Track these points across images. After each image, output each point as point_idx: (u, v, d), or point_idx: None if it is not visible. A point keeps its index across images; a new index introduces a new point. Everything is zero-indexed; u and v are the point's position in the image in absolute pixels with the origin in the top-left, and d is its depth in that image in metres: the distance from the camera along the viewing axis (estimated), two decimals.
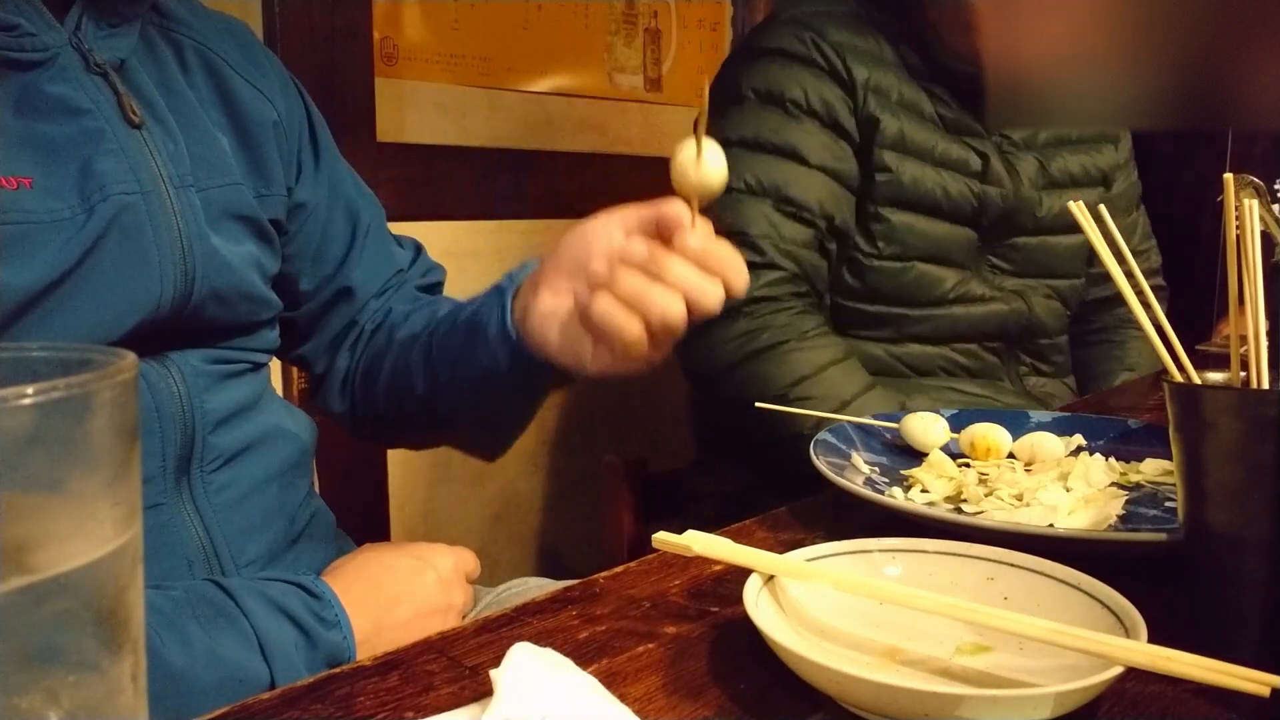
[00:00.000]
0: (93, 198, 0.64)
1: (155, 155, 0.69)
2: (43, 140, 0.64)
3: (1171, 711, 0.46)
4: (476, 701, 0.45)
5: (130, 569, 0.30)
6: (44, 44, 0.65)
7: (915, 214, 1.20)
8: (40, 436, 0.27)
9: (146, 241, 0.67)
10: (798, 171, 1.17)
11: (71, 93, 0.66)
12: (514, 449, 0.90)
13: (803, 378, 1.12)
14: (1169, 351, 0.55)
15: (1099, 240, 0.58)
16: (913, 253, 1.21)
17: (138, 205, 0.66)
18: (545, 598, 0.59)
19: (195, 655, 0.61)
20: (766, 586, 0.53)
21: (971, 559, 0.55)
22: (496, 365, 0.76)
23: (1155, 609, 0.48)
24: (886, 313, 1.22)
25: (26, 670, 0.27)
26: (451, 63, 1.70)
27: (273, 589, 0.67)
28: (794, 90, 1.18)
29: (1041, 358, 1.32)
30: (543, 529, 1.95)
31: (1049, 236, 1.31)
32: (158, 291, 0.67)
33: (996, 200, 1.24)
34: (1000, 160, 1.26)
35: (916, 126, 1.20)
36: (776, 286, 1.15)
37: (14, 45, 0.64)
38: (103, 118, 0.67)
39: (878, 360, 1.23)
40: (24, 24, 0.64)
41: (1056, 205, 1.29)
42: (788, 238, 1.16)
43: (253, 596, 0.65)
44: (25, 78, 0.64)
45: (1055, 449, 0.80)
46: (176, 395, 0.70)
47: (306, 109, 0.87)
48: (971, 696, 0.42)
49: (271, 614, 0.65)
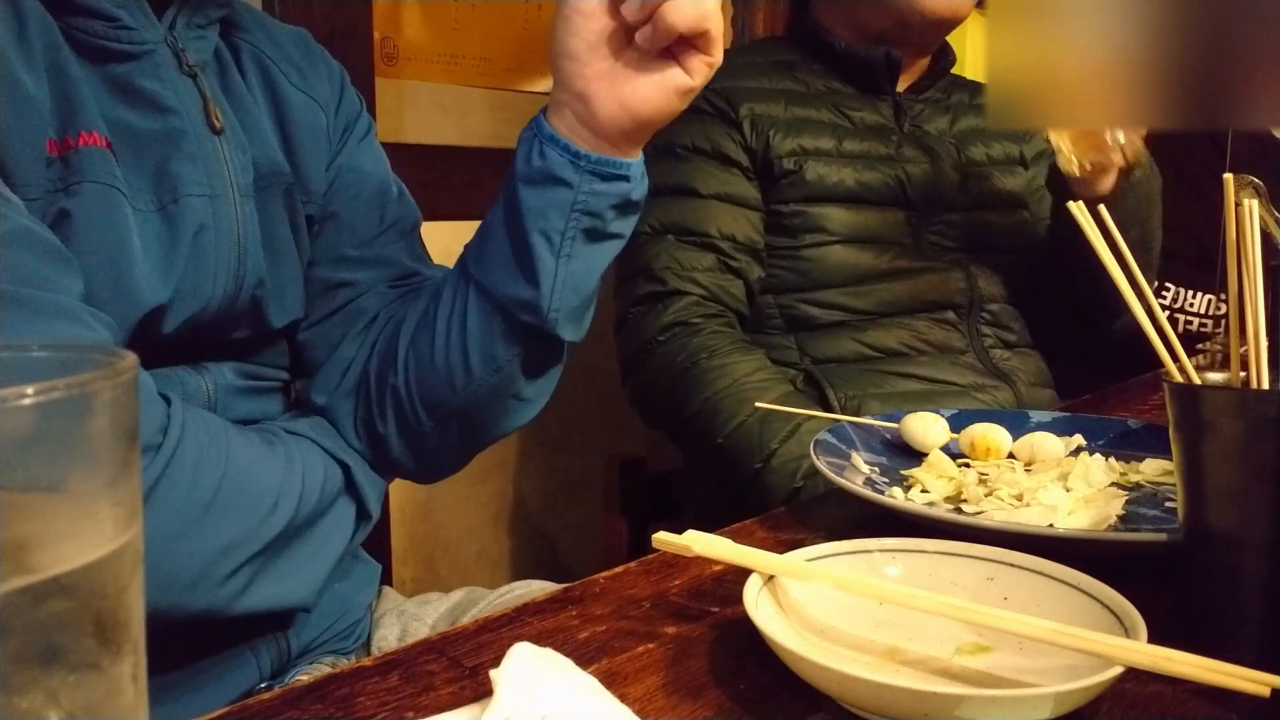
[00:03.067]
0: (164, 198, 0.66)
1: (228, 163, 0.70)
2: (130, 131, 0.65)
3: (1171, 711, 0.46)
4: (476, 701, 0.45)
5: (130, 569, 0.30)
6: (142, 39, 0.66)
7: (831, 204, 1.29)
8: (40, 436, 0.27)
9: (207, 244, 0.68)
10: (692, 204, 1.26)
11: (161, 90, 0.67)
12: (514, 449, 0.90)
13: (717, 391, 1.16)
14: (1169, 352, 0.55)
15: (1097, 238, 0.58)
16: (835, 237, 1.28)
17: (204, 209, 0.68)
18: (545, 598, 0.59)
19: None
20: (766, 586, 0.53)
21: (971, 559, 0.55)
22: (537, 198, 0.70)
23: (1155, 609, 0.48)
24: (829, 300, 1.28)
25: (26, 670, 0.27)
26: (451, 63, 1.70)
27: None
28: (683, 137, 1.29)
29: (1001, 325, 1.35)
30: (542, 529, 1.95)
31: (984, 212, 1.37)
32: (209, 292, 0.69)
33: (920, 177, 1.32)
34: (914, 144, 1.34)
35: (813, 135, 1.29)
36: (684, 311, 1.22)
37: (113, 36, 0.65)
38: (187, 119, 0.68)
39: (852, 350, 1.27)
40: (125, 17, 0.65)
41: (982, 186, 1.38)
42: (688, 265, 1.24)
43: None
44: (120, 69, 0.66)
45: (1055, 449, 0.80)
46: (209, 404, 0.73)
47: (360, 107, 0.88)
48: (971, 696, 0.42)
49: None
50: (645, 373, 1.23)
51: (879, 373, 1.26)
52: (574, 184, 0.68)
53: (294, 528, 0.67)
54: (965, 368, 1.28)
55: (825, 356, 1.27)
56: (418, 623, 0.89)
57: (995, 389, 1.26)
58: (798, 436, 1.11)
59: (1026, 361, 1.35)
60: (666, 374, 1.20)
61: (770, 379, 1.18)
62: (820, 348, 1.28)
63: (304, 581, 0.69)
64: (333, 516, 0.72)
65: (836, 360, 1.27)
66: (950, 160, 1.36)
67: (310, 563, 0.69)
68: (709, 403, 1.16)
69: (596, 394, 1.82)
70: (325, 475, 0.72)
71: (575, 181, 0.68)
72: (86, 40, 0.64)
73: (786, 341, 1.29)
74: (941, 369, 1.27)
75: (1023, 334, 1.39)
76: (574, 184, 0.68)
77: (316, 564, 0.70)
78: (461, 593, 0.94)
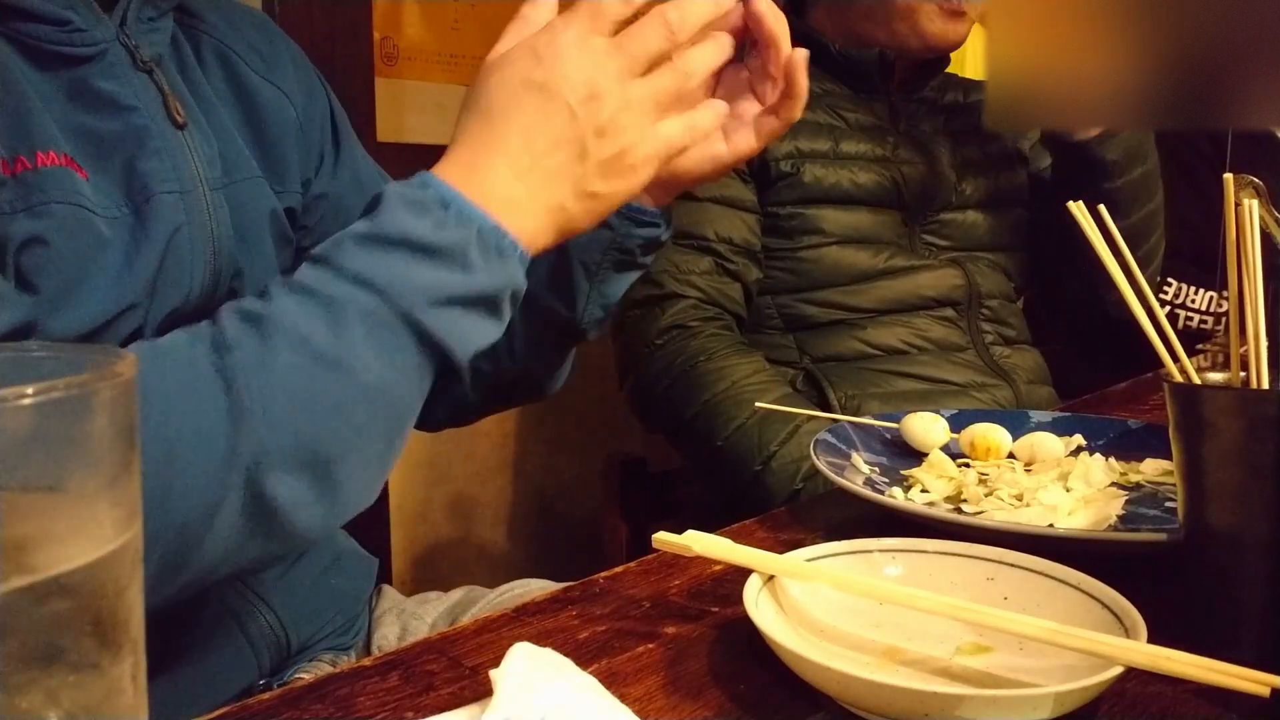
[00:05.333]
0: (135, 198, 0.65)
1: (195, 156, 0.69)
2: (92, 136, 0.64)
3: (1171, 711, 0.46)
4: (476, 701, 0.45)
5: (130, 569, 0.30)
6: (94, 39, 0.65)
7: (828, 206, 1.29)
8: (40, 436, 0.27)
9: (181, 240, 0.67)
10: (688, 208, 1.26)
11: (120, 89, 0.66)
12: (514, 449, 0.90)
13: (716, 394, 1.16)
14: (1169, 352, 0.55)
15: (1097, 238, 0.58)
16: (831, 239, 1.28)
17: (176, 205, 0.67)
18: (545, 598, 0.59)
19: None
20: (766, 586, 0.53)
21: (971, 559, 0.55)
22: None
23: (1155, 609, 0.48)
24: (828, 299, 1.28)
25: (26, 670, 0.27)
26: (451, 63, 1.70)
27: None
28: None
29: (1000, 321, 1.35)
30: (542, 529, 1.95)
31: (978, 211, 1.37)
32: (187, 288, 0.68)
33: (915, 178, 1.32)
34: (910, 145, 1.35)
35: (809, 138, 1.29)
36: (682, 314, 1.23)
37: (63, 40, 0.63)
38: (148, 116, 0.67)
39: (852, 348, 1.27)
40: (74, 19, 0.64)
41: (977, 184, 1.37)
42: (685, 268, 1.24)
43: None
44: (75, 72, 0.64)
45: (1055, 449, 0.80)
46: None
47: (329, 100, 0.87)
48: (971, 696, 0.42)
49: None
50: (643, 376, 1.24)
51: (879, 372, 1.26)
52: (615, 227, 0.75)
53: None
54: (965, 366, 1.28)
55: (825, 355, 1.27)
56: (418, 622, 0.89)
57: (995, 388, 1.27)
58: (797, 438, 1.11)
59: (1026, 358, 1.35)
60: (665, 377, 1.21)
61: (769, 381, 1.18)
62: (820, 346, 1.28)
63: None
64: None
65: (836, 359, 1.27)
66: (946, 160, 1.36)
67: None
68: (708, 406, 1.16)
69: (596, 394, 1.82)
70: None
71: (616, 224, 0.75)
72: (36, 46, 0.62)
73: (786, 341, 1.30)
74: (941, 368, 1.27)
75: (1022, 329, 1.39)
76: (615, 227, 0.75)
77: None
78: (461, 592, 0.94)
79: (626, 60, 0.61)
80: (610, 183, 0.62)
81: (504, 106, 0.61)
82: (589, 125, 0.60)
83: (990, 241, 1.38)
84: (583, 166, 0.61)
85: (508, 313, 0.61)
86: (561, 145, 0.60)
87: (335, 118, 0.87)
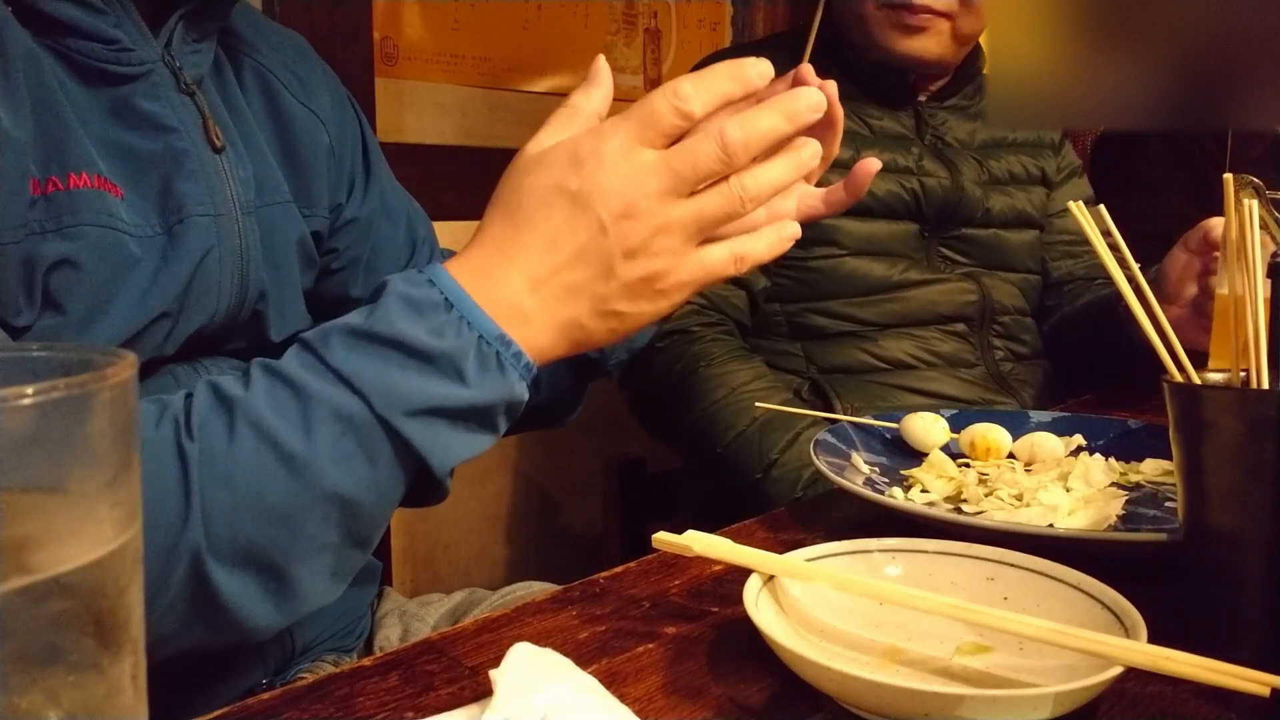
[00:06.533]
0: (170, 218, 0.65)
1: (230, 180, 0.69)
2: (131, 154, 0.64)
3: (1171, 711, 0.46)
4: (476, 701, 0.45)
5: (130, 569, 0.30)
6: (140, 59, 0.65)
7: (845, 216, 1.25)
8: (40, 436, 0.27)
9: (211, 262, 0.67)
10: None
11: (162, 110, 0.66)
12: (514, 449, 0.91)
13: (715, 401, 1.15)
14: (1169, 351, 0.55)
15: (1097, 238, 0.58)
16: (846, 250, 1.26)
17: (209, 228, 0.67)
18: (545, 598, 0.60)
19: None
20: (766, 586, 0.53)
21: (971, 559, 0.55)
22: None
23: (1155, 609, 0.48)
24: (838, 310, 1.27)
25: (26, 670, 0.27)
26: (451, 63, 1.70)
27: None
28: None
29: (1012, 337, 1.34)
30: (542, 529, 1.95)
31: (1000, 230, 1.35)
32: (213, 309, 0.68)
33: (937, 191, 1.29)
34: (934, 156, 1.31)
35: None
36: (684, 320, 1.21)
37: (112, 58, 0.63)
38: (188, 138, 0.67)
39: (859, 360, 1.26)
40: (123, 38, 0.64)
41: (1001, 203, 1.35)
42: None
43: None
44: (119, 91, 0.64)
45: (1055, 449, 0.81)
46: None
47: (360, 125, 0.87)
48: (972, 696, 0.42)
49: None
50: (642, 380, 1.22)
51: (884, 385, 1.24)
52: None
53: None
54: (972, 383, 1.27)
55: (832, 366, 1.26)
56: (419, 623, 0.89)
57: (1002, 405, 1.25)
58: (798, 446, 1.10)
59: (1035, 373, 1.33)
60: (664, 382, 1.19)
61: (768, 388, 1.17)
62: (828, 356, 1.26)
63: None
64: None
65: (844, 370, 1.25)
66: (970, 174, 1.32)
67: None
68: (707, 412, 1.15)
69: (596, 395, 1.82)
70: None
71: None
72: (84, 62, 0.63)
73: (793, 349, 1.28)
74: (948, 383, 1.26)
75: (1034, 344, 1.37)
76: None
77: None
78: (463, 593, 0.94)
79: (671, 179, 0.55)
80: (637, 304, 0.57)
81: (531, 210, 0.56)
82: (619, 245, 0.55)
83: (1007, 260, 1.35)
84: (606, 286, 0.56)
85: (503, 426, 0.57)
86: (586, 261, 0.55)
87: (366, 143, 0.87)
